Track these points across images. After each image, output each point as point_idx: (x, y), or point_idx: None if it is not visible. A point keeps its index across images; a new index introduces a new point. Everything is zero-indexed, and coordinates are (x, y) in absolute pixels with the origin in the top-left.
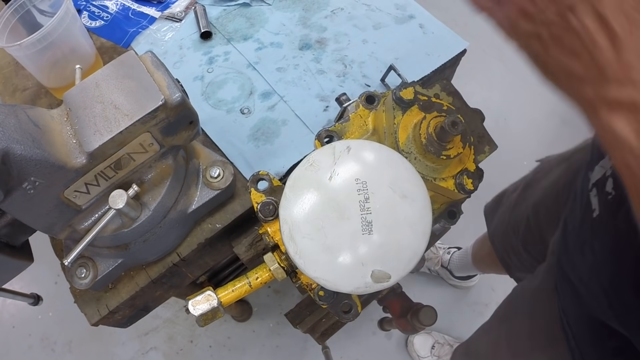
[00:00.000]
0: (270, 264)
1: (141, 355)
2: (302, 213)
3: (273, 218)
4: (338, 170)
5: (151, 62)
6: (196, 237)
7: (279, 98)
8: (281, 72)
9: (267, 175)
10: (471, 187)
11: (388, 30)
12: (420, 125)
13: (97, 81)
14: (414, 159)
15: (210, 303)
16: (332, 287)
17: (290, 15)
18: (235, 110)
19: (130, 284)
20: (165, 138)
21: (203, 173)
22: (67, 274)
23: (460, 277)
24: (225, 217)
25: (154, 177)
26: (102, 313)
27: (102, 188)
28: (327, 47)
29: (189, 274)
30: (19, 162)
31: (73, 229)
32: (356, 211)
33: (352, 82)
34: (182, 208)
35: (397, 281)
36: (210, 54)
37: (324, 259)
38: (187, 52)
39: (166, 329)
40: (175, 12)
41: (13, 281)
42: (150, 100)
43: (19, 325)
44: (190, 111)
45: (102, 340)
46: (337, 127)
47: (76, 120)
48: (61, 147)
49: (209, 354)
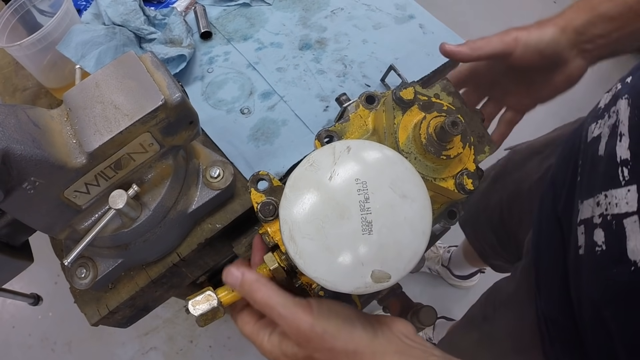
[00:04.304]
0: (270, 264)
1: (141, 355)
2: (302, 213)
3: (273, 218)
4: (338, 170)
5: (151, 62)
6: (196, 237)
7: (279, 98)
8: (281, 72)
9: (267, 175)
10: (471, 187)
11: (388, 30)
12: (420, 125)
13: (97, 81)
14: (414, 159)
15: (210, 303)
16: (332, 287)
17: (290, 15)
18: (235, 110)
19: (130, 284)
20: (165, 138)
21: (203, 173)
22: (67, 274)
23: (460, 277)
24: (225, 217)
25: (154, 177)
26: (102, 313)
27: (102, 188)
28: (327, 47)
29: (189, 274)
30: (19, 162)
31: (73, 229)
32: (356, 211)
33: (352, 82)
34: (182, 208)
35: (397, 281)
36: (210, 54)
37: (324, 259)
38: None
39: (166, 329)
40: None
41: (13, 281)
42: (150, 100)
43: (19, 325)
44: (190, 111)
45: (102, 340)
46: (337, 127)
47: (76, 120)
48: (61, 147)
49: (209, 354)
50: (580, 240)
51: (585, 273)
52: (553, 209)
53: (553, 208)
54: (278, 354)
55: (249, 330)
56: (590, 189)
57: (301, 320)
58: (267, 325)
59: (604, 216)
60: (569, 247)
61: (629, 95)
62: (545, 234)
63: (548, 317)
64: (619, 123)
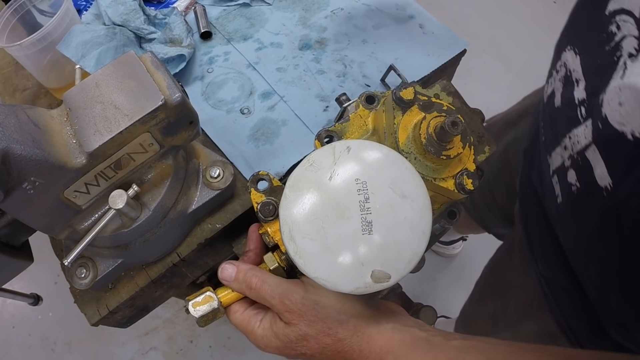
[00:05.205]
0: (270, 264)
1: (141, 355)
2: (302, 213)
3: (273, 218)
4: (338, 170)
5: (151, 62)
6: (196, 237)
7: (279, 98)
8: (281, 72)
9: (267, 175)
10: (471, 187)
11: (388, 30)
12: (420, 125)
13: (97, 81)
14: (414, 159)
15: (211, 304)
16: (332, 287)
17: (290, 15)
18: (235, 110)
19: (130, 284)
20: (165, 138)
21: (203, 173)
22: (67, 274)
23: (444, 242)
24: (225, 217)
25: (154, 177)
26: (102, 313)
27: (102, 188)
28: (327, 47)
29: (189, 274)
30: (19, 162)
31: (73, 229)
32: (356, 211)
33: (352, 82)
34: (182, 208)
35: (397, 281)
36: (210, 54)
37: (324, 259)
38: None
39: (166, 329)
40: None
41: (13, 281)
42: (150, 100)
43: (19, 325)
44: (190, 111)
45: (102, 340)
46: (337, 127)
47: (76, 121)
48: (61, 147)
49: (209, 354)
50: (557, 190)
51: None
52: (529, 179)
53: (529, 177)
54: (270, 337)
55: (239, 318)
56: (555, 139)
57: (293, 292)
58: (257, 311)
59: (571, 157)
60: (550, 206)
61: (571, 45)
62: (528, 203)
63: (549, 280)
64: (571, 72)
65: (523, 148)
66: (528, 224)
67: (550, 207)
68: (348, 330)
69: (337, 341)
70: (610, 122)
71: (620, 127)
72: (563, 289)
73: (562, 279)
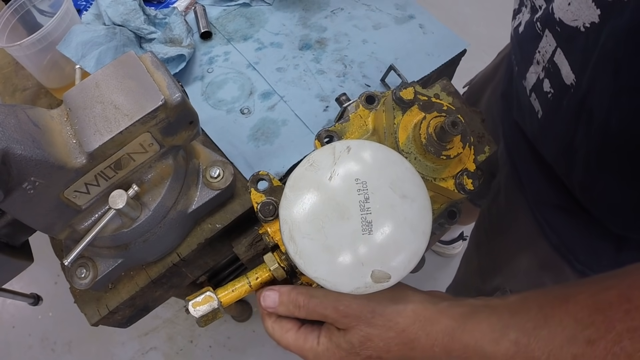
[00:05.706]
0: (270, 264)
1: (141, 355)
2: (302, 213)
3: (273, 218)
4: (338, 170)
5: (151, 62)
6: (196, 237)
7: (279, 98)
8: (281, 72)
9: (267, 175)
10: (471, 187)
11: (388, 30)
12: (420, 125)
13: (97, 81)
14: (414, 159)
15: (211, 304)
16: (332, 287)
17: (290, 15)
18: (235, 110)
19: (130, 284)
20: (165, 138)
21: (203, 173)
22: (67, 274)
23: (443, 242)
24: (225, 217)
25: (154, 177)
26: (102, 313)
27: (102, 188)
28: (327, 47)
29: (189, 274)
30: (19, 162)
31: (73, 229)
32: (356, 211)
33: (352, 82)
34: (182, 208)
35: (397, 281)
36: (210, 54)
37: (324, 259)
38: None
39: (166, 329)
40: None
41: (13, 281)
42: (150, 100)
43: (19, 325)
44: (190, 111)
45: (102, 340)
46: (337, 127)
47: (76, 121)
48: (61, 147)
49: (209, 354)
50: (536, 106)
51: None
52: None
53: (509, 116)
54: (333, 349)
55: (293, 337)
56: (527, 60)
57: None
58: (312, 328)
59: (545, 68)
60: (532, 126)
61: None
62: (511, 137)
63: (539, 203)
64: (535, 1)
65: (500, 93)
66: (513, 156)
67: (533, 128)
68: (408, 317)
69: (401, 332)
70: (565, 22)
71: (574, 24)
72: (554, 205)
73: (552, 196)
